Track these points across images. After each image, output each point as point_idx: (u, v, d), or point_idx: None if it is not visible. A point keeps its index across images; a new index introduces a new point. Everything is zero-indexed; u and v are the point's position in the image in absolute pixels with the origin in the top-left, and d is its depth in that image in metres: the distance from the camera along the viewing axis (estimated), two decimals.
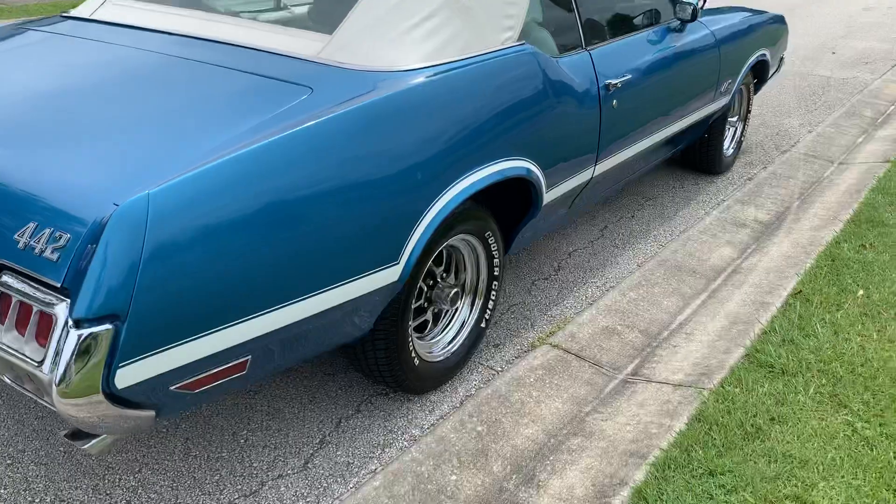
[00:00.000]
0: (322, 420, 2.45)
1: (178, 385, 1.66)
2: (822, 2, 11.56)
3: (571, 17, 2.92)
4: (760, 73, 4.70)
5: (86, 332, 1.47)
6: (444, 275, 2.57)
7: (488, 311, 2.71)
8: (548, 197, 2.73)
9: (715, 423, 2.38)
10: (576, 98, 2.75)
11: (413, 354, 2.38)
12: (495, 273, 2.68)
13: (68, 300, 1.51)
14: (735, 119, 4.72)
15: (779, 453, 2.25)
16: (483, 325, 2.71)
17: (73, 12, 2.83)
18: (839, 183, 4.58)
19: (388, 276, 2.05)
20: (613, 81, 2.96)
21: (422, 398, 2.57)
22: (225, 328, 1.67)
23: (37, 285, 1.57)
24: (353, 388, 2.60)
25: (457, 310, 2.66)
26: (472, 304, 2.68)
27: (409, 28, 2.27)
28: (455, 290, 2.54)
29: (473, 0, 2.41)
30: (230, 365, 1.75)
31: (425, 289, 2.49)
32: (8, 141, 1.83)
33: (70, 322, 1.48)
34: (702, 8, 4.42)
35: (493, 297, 2.71)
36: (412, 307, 2.32)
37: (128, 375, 1.53)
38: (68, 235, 1.54)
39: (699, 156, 4.50)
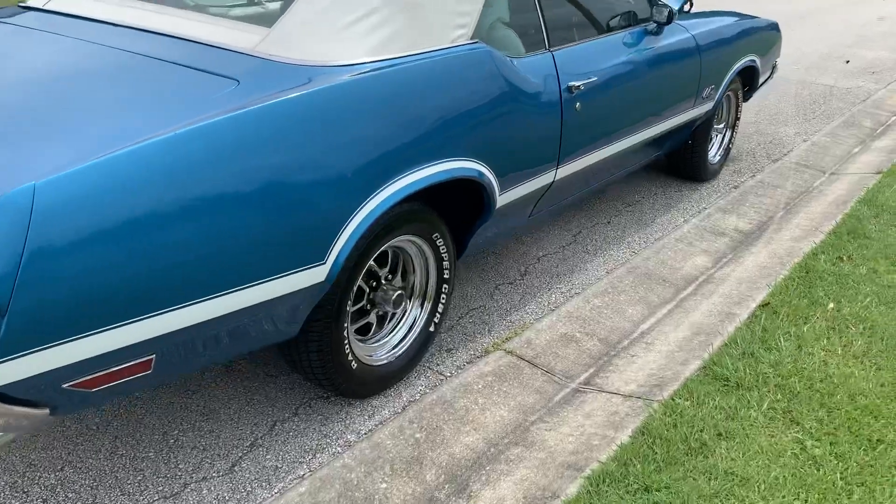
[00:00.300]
0: (256, 422, 2.39)
1: (71, 383, 1.61)
2: (836, 11, 11.40)
3: (534, 17, 2.85)
4: (750, 80, 4.61)
5: None
6: (390, 276, 2.51)
7: (438, 315, 2.65)
8: (502, 200, 2.66)
9: (659, 436, 2.30)
10: (533, 100, 2.69)
11: (350, 357, 2.32)
12: (445, 276, 2.62)
13: None
14: (722, 126, 4.62)
15: (720, 470, 2.17)
16: (432, 328, 2.64)
17: (30, 2, 2.80)
18: (828, 193, 4.47)
19: (313, 276, 1.99)
20: (577, 84, 2.89)
21: (363, 403, 2.51)
22: (123, 325, 1.62)
23: None
24: (295, 390, 2.55)
25: (404, 313, 2.60)
26: (421, 308, 2.62)
27: (349, 23, 2.21)
28: (399, 292, 2.48)
29: None
30: (132, 364, 1.70)
31: (367, 290, 2.43)
32: None
33: None
34: (688, 11, 4.34)
35: (442, 301, 2.64)
36: (348, 309, 2.26)
37: (9, 372, 1.48)
38: None
39: (683, 162, 4.41)
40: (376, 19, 2.26)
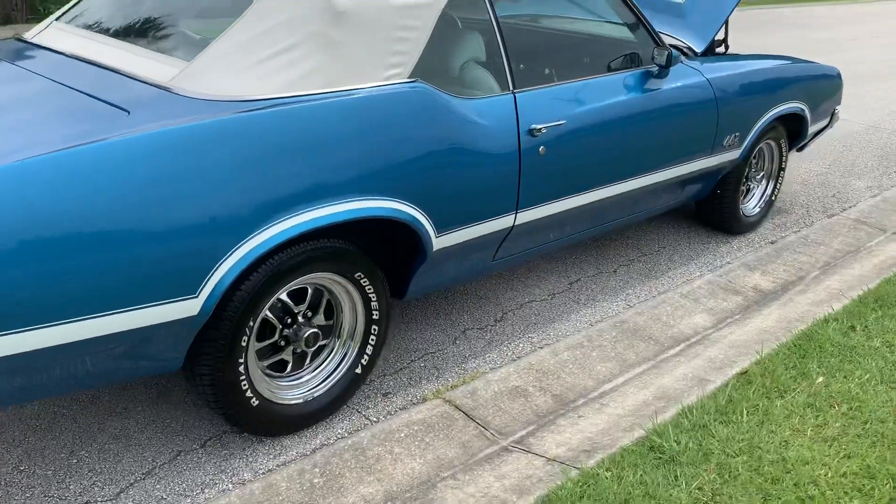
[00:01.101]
0: (162, 450, 2.39)
1: None
2: None
3: (498, 57, 2.76)
4: (797, 129, 4.28)
5: None
6: (309, 314, 2.47)
7: (366, 357, 2.58)
8: (441, 243, 2.57)
9: None
10: (480, 142, 2.59)
11: (250, 394, 2.29)
12: (374, 317, 2.55)
13: None
14: (761, 176, 4.32)
15: None
16: (359, 370, 2.57)
17: (26, 35, 2.98)
18: (877, 255, 4.08)
19: (185, 309, 1.98)
20: (540, 127, 2.76)
21: (274, 441, 2.46)
22: None
23: None
24: (214, 421, 2.54)
25: (331, 352, 2.55)
26: (348, 348, 2.56)
27: (262, 59, 2.21)
28: (313, 331, 2.43)
29: (347, 35, 2.32)
30: None
31: (281, 327, 2.40)
32: None
33: None
34: (723, 53, 4.10)
35: (372, 343, 2.57)
36: (246, 345, 2.23)
37: None
38: None
39: (711, 212, 4.15)
40: (294, 55, 2.25)
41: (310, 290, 2.43)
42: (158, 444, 2.42)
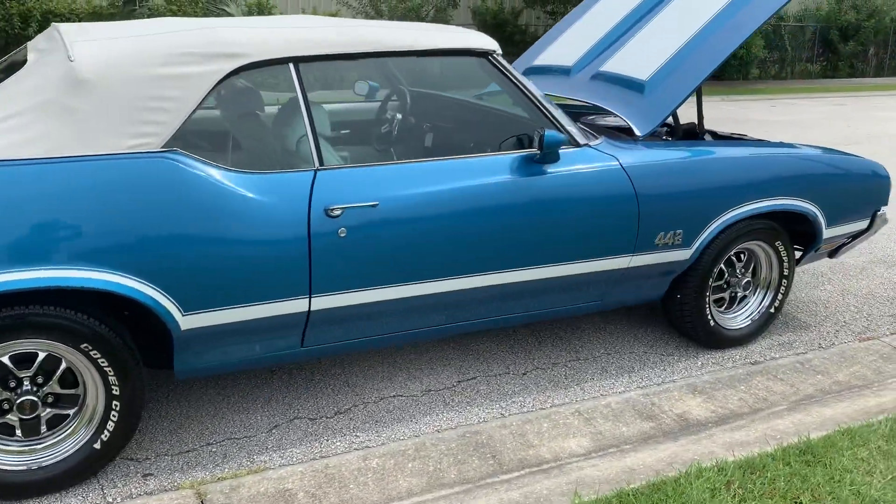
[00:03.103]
0: None
1: None
2: None
3: (303, 133, 2.58)
4: (810, 233, 3.58)
5: None
6: (41, 381, 2.40)
7: (106, 433, 2.46)
8: (191, 322, 2.42)
9: None
10: (245, 217, 2.42)
11: None
12: (114, 393, 2.43)
13: None
14: (753, 284, 3.63)
15: None
16: (98, 446, 2.46)
17: None
18: (881, 396, 3.25)
19: None
20: (339, 207, 2.53)
21: None
22: None
23: None
24: None
25: (66, 424, 2.46)
26: (87, 427, 2.46)
27: None
28: (27, 398, 2.36)
29: (85, 103, 2.28)
30: None
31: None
32: None
33: None
34: (666, 137, 3.57)
35: (112, 420, 2.45)
36: None
37: None
38: None
39: (675, 319, 3.55)
40: (22, 121, 2.25)
41: (41, 355, 2.37)
42: None
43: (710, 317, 3.48)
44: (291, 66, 2.57)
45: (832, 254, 3.88)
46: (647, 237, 3.11)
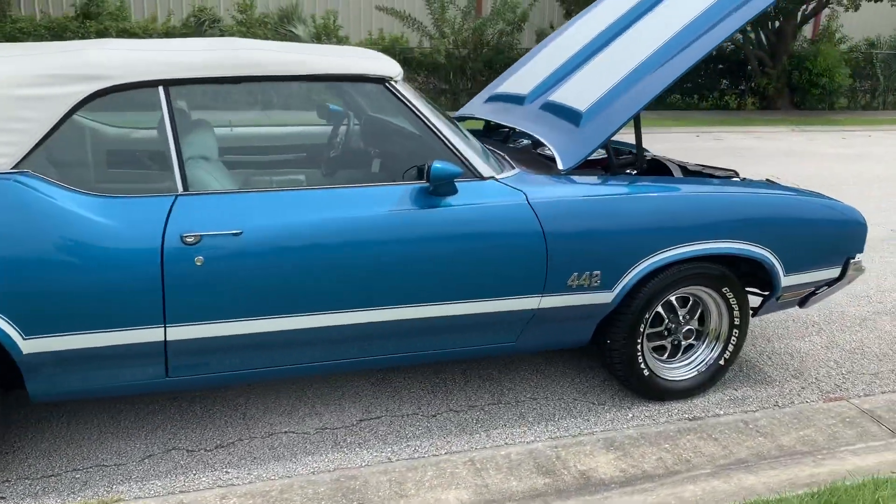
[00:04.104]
0: None
1: None
2: None
3: (167, 158, 2.51)
4: (766, 280, 3.29)
5: None
6: None
7: None
8: (33, 347, 2.37)
9: None
10: (92, 241, 2.37)
11: None
12: None
13: None
14: (699, 333, 3.34)
15: None
16: None
17: None
18: (835, 464, 2.93)
19: None
20: (194, 234, 2.45)
21: None
22: None
23: None
24: None
25: None
26: None
27: None
28: None
29: None
30: None
31: None
32: None
33: None
34: (565, 172, 3.30)
35: None
36: None
37: None
38: None
39: (607, 366, 3.31)
40: None
41: None
42: None
43: (642, 365, 3.21)
44: (161, 89, 2.52)
45: (801, 303, 3.54)
46: (558, 277, 2.90)
